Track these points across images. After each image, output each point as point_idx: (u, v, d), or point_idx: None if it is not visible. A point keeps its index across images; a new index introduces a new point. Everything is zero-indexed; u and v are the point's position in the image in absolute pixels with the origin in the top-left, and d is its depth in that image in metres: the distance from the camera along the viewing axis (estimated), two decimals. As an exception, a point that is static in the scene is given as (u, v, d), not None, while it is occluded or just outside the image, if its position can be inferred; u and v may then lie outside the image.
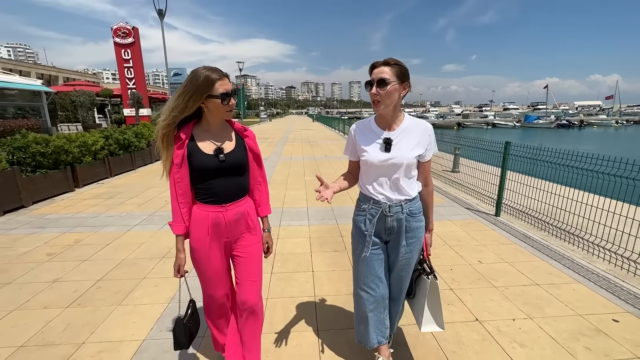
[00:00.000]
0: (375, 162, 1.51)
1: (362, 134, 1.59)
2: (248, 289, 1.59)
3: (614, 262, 3.01)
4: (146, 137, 8.95)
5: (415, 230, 1.58)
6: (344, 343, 2.06)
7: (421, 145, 1.52)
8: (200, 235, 1.48)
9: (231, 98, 1.40)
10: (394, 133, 1.51)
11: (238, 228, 1.55)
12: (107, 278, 2.87)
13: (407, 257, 1.61)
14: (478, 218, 4.39)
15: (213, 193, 1.46)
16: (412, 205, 1.56)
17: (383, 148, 1.50)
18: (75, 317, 2.32)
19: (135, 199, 5.46)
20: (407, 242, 1.59)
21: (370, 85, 1.44)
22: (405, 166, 1.49)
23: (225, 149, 1.47)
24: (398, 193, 1.53)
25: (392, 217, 1.54)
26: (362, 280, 1.67)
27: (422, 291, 1.66)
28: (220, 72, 1.38)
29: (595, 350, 1.96)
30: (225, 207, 1.48)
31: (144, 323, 2.25)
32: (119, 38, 16.58)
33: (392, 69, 1.41)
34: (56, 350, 2.00)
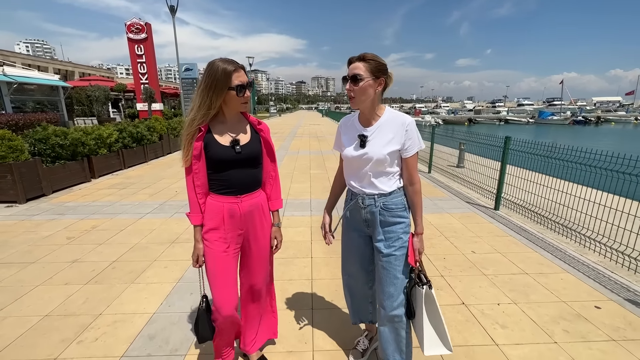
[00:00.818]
0: (349, 157, 1.54)
1: (346, 129, 1.62)
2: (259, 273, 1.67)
3: (605, 254, 3.08)
4: (158, 130, 9.25)
5: (393, 225, 1.54)
6: (336, 321, 2.22)
7: (396, 141, 1.47)
8: (215, 225, 1.49)
9: (246, 90, 1.41)
10: (371, 129, 1.51)
11: (252, 220, 1.56)
12: (121, 260, 3.11)
13: (387, 252, 1.53)
14: (477, 211, 4.48)
15: (229, 184, 1.48)
16: (387, 200, 1.52)
17: (358, 144, 1.51)
18: (93, 293, 2.56)
19: (147, 190, 5.73)
20: (385, 237, 1.55)
21: (345, 80, 1.45)
22: (375, 162, 1.47)
23: (241, 140, 1.48)
24: (372, 187, 1.53)
25: (365, 209, 1.56)
26: (344, 266, 1.81)
27: (419, 304, 1.52)
28: (236, 63, 1.39)
29: (573, 333, 2.08)
30: (240, 198, 1.50)
31: (154, 299, 2.47)
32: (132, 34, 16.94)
33: (367, 65, 1.40)
34: (77, 320, 2.23)
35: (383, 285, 1.56)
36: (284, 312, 2.32)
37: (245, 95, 1.41)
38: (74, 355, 1.91)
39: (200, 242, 1.51)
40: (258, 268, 1.66)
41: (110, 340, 2.03)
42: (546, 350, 1.93)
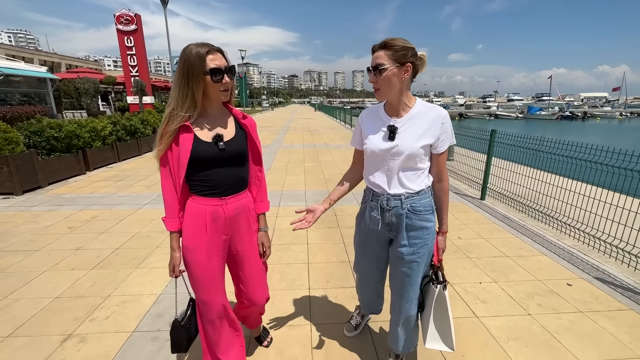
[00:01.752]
0: (376, 151, 1.40)
1: (369, 121, 1.49)
2: (256, 288, 1.57)
3: (579, 239, 3.33)
4: (151, 123, 9.24)
5: (419, 230, 1.42)
6: (331, 299, 2.40)
7: (430, 134, 1.36)
8: (196, 232, 1.35)
9: (224, 75, 1.23)
10: (401, 120, 1.38)
11: (238, 224, 1.43)
12: (124, 247, 3.23)
13: (409, 259, 1.44)
14: (464, 201, 4.70)
15: (211, 185, 1.34)
16: (415, 201, 1.40)
17: (387, 136, 1.38)
18: (100, 277, 2.68)
19: (143, 182, 5.80)
20: (410, 242, 1.43)
21: (369, 71, 1.35)
22: (406, 156, 1.35)
23: (224, 136, 1.33)
24: (398, 186, 1.40)
25: (390, 212, 1.43)
26: (357, 264, 1.73)
27: (429, 301, 1.51)
28: (211, 45, 1.24)
29: (545, 306, 2.30)
30: (225, 200, 1.36)
31: (159, 282, 2.61)
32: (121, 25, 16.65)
33: (390, 52, 1.28)
34: (87, 301, 2.36)
35: (403, 290, 1.49)
36: (284, 292, 2.49)
37: (223, 81, 1.23)
38: (88, 331, 2.04)
39: (177, 251, 1.37)
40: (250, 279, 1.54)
41: (120, 318, 2.18)
42: (520, 321, 2.14)
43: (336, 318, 2.18)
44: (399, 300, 1.52)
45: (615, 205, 2.96)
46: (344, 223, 3.83)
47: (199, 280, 1.39)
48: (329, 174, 6.33)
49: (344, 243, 3.29)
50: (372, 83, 1.34)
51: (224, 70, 1.23)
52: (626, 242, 2.86)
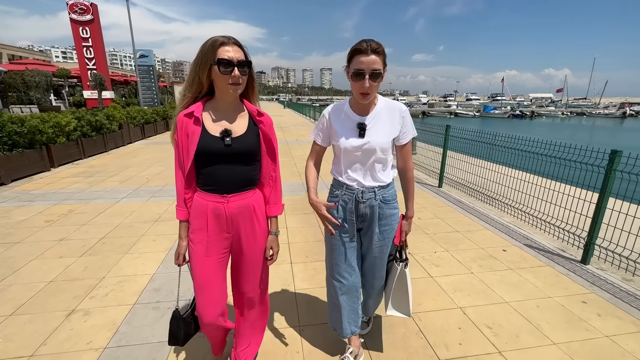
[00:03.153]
0: (349, 148, 1.45)
1: (337, 119, 1.51)
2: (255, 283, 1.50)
3: (516, 216, 3.97)
4: (117, 119, 8.98)
5: (389, 217, 1.53)
6: (311, 270, 2.76)
7: (395, 128, 1.46)
8: (199, 226, 1.35)
9: (235, 68, 1.20)
10: (368, 117, 1.45)
11: (242, 223, 1.38)
12: (109, 236, 3.35)
13: (380, 244, 1.56)
14: (424, 189, 5.27)
15: (214, 180, 1.31)
16: (385, 192, 1.51)
17: (357, 133, 1.44)
18: (91, 262, 2.82)
19: (116, 177, 5.76)
20: (380, 230, 1.53)
21: (361, 76, 1.32)
22: (379, 151, 1.43)
23: (234, 132, 1.30)
24: (372, 179, 1.49)
25: (365, 204, 1.50)
26: (335, 269, 1.62)
27: (391, 276, 1.65)
28: (231, 38, 1.23)
29: (485, 267, 2.83)
30: (227, 198, 1.33)
31: (151, 264, 2.81)
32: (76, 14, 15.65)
33: (380, 57, 1.32)
34: (82, 282, 2.52)
35: (375, 270, 1.64)
36: (268, 266, 2.81)
37: (233, 74, 1.20)
38: (90, 306, 2.23)
39: (184, 240, 1.38)
40: (249, 276, 1.49)
41: (119, 294, 2.37)
42: (465, 278, 2.65)
43: (316, 283, 2.54)
44: (372, 280, 1.68)
45: (545, 187, 3.60)
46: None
47: (198, 280, 1.37)
48: (302, 167, 6.69)
49: (319, 226, 3.66)
50: (366, 88, 1.33)
51: (234, 64, 1.20)
52: (552, 216, 3.50)
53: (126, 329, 2.02)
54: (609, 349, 1.89)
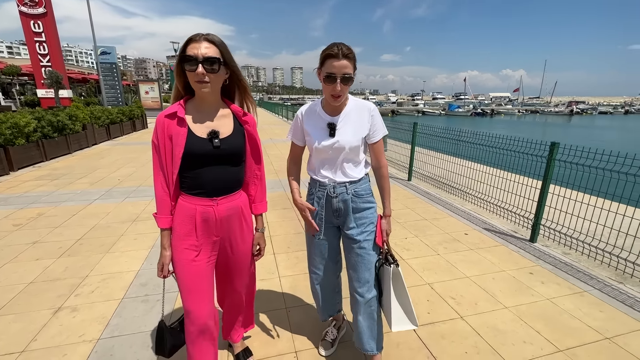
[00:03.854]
0: (319, 147, 1.49)
1: (309, 119, 1.56)
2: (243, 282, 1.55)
3: (477, 204, 4.39)
4: (81, 119, 8.56)
5: (364, 210, 1.55)
6: (294, 259, 2.93)
7: (364, 127, 1.50)
8: (185, 232, 1.30)
9: (199, 65, 1.14)
10: (338, 117, 1.48)
11: (230, 225, 1.37)
12: (86, 237, 3.31)
13: (360, 238, 1.54)
14: (395, 182, 5.62)
15: (202, 183, 1.27)
16: (357, 187, 1.54)
17: (327, 133, 1.48)
18: (71, 263, 2.80)
19: (84, 179, 5.56)
20: (357, 224, 1.55)
21: (333, 79, 1.35)
22: (348, 150, 1.47)
23: (221, 133, 1.27)
24: (342, 175, 1.52)
25: (337, 199, 1.53)
26: (311, 262, 1.72)
27: (386, 282, 1.55)
28: (204, 34, 1.18)
29: (449, 248, 3.16)
30: (216, 201, 1.30)
31: (135, 261, 2.84)
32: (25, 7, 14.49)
33: (351, 62, 1.36)
34: (65, 282, 2.52)
35: (359, 272, 1.55)
36: (252, 258, 2.95)
37: (197, 71, 1.14)
38: (77, 303, 2.26)
39: (167, 249, 1.31)
40: (237, 276, 1.52)
41: (106, 290, 2.41)
42: (432, 259, 2.95)
43: (299, 270, 2.73)
44: (355, 284, 1.57)
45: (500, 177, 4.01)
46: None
47: (185, 284, 1.32)
48: (278, 165, 6.82)
49: (298, 220, 3.84)
50: (338, 91, 1.37)
51: (199, 60, 1.13)
52: (506, 202, 3.93)
53: (117, 321, 2.08)
54: (550, 309, 2.25)
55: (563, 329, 2.05)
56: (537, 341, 1.95)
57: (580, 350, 1.88)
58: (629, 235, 2.67)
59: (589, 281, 2.59)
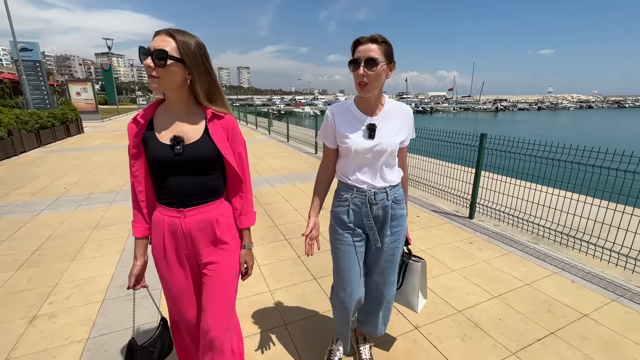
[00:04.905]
0: (359, 150, 1.38)
1: (343, 119, 1.43)
2: (210, 316, 1.24)
3: (425, 190, 4.98)
4: (5, 124, 7.62)
5: (400, 218, 1.50)
6: (269, 250, 3.13)
7: (404, 130, 1.45)
8: (157, 243, 1.24)
9: (150, 57, 1.04)
10: (377, 118, 1.40)
11: (201, 240, 1.24)
12: (43, 248, 3.13)
13: (392, 246, 1.50)
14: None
15: (168, 193, 1.19)
16: (396, 192, 1.48)
17: (367, 134, 1.38)
18: (33, 274, 2.67)
19: (23, 190, 5.06)
20: (392, 232, 1.49)
21: (357, 64, 1.28)
22: (389, 153, 1.40)
23: (187, 138, 1.16)
24: (382, 180, 1.44)
25: (377, 205, 1.44)
26: (346, 279, 1.51)
27: (414, 277, 1.68)
28: (170, 29, 1.10)
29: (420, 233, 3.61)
30: (184, 213, 1.20)
31: (106, 266, 2.80)
32: None
33: (380, 47, 1.28)
34: (32, 292, 2.42)
35: (386, 276, 1.55)
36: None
37: (144, 62, 1.05)
38: (53, 310, 2.21)
39: (138, 259, 1.24)
40: (213, 308, 1.25)
41: (82, 295, 2.38)
42: (392, 238, 3.37)
43: (277, 259, 2.94)
44: (381, 286, 1.56)
45: (444, 166, 4.62)
46: (262, 200, 4.55)
47: (168, 293, 1.30)
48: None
49: (267, 214, 4.02)
50: (361, 77, 1.28)
51: (149, 52, 1.05)
52: (450, 187, 4.54)
53: (103, 320, 2.11)
54: (486, 268, 2.77)
55: (496, 281, 2.58)
56: (478, 292, 2.43)
57: (509, 294, 2.40)
58: (544, 207, 3.36)
59: (513, 244, 3.21)
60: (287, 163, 7.25)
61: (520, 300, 2.33)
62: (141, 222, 1.24)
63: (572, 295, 2.39)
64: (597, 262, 2.85)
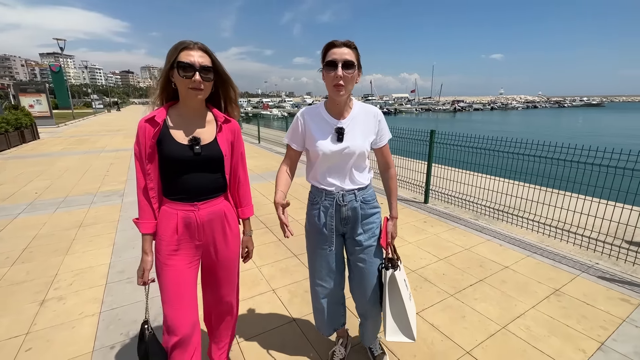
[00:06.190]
0: (327, 153, 1.41)
1: (313, 122, 1.46)
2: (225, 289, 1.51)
3: (387, 182, 5.59)
4: (-44, 131, 7.19)
5: (371, 216, 1.53)
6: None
7: (372, 132, 1.47)
8: (167, 237, 1.31)
9: (196, 73, 1.19)
10: (345, 121, 1.43)
11: (213, 230, 1.38)
12: (32, 246, 3.26)
13: (367, 244, 1.51)
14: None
15: (183, 189, 1.30)
16: (365, 193, 1.51)
17: (335, 138, 1.41)
18: (30, 268, 2.84)
19: (-10, 196, 4.96)
20: (364, 229, 1.52)
21: (333, 66, 1.31)
22: (357, 155, 1.42)
23: (202, 139, 1.29)
24: (351, 182, 1.47)
25: (346, 207, 1.47)
26: (317, 275, 1.62)
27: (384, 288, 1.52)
28: (197, 42, 1.23)
29: (371, 214, 4.16)
30: (197, 206, 1.32)
31: (102, 257, 3.03)
32: None
33: (353, 52, 1.33)
34: (34, 282, 2.61)
35: (364, 278, 1.54)
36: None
37: (193, 78, 1.19)
38: (60, 294, 2.44)
39: (148, 254, 1.31)
40: (225, 281, 1.50)
41: (85, 281, 2.62)
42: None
43: (261, 242, 3.32)
44: (360, 291, 1.57)
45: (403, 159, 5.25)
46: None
47: (166, 290, 1.31)
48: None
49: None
50: (338, 78, 1.31)
51: (196, 68, 1.19)
52: (408, 177, 5.17)
53: (111, 299, 2.39)
54: (435, 240, 3.38)
55: (442, 248, 3.18)
56: (428, 257, 3.01)
57: (451, 257, 3.01)
58: (485, 190, 4.06)
59: (458, 221, 3.87)
60: (260, 162, 7.59)
61: (460, 261, 2.94)
62: (150, 218, 1.30)
63: (499, 254, 3.05)
64: (520, 230, 3.57)
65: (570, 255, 3.01)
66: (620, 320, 2.13)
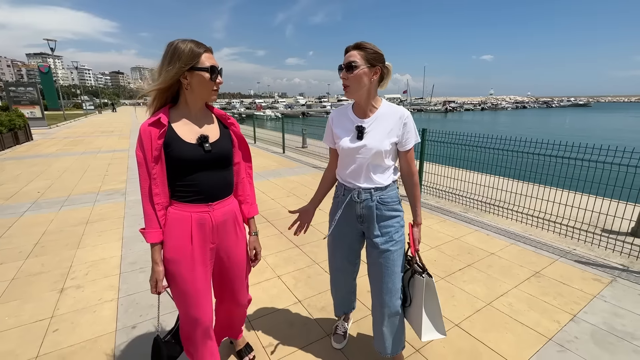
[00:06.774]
0: (346, 149, 1.47)
1: (339, 121, 1.56)
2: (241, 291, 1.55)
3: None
4: (-48, 132, 7.19)
5: (389, 219, 1.52)
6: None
7: (395, 133, 1.46)
8: (180, 242, 1.27)
9: (219, 75, 1.25)
10: (368, 121, 1.47)
11: (226, 231, 1.38)
12: (43, 241, 3.39)
13: (385, 248, 1.51)
14: (319, 171, 6.75)
15: (197, 190, 1.27)
16: (383, 194, 1.50)
17: (355, 136, 1.46)
18: (44, 260, 2.98)
19: (-8, 195, 5.04)
20: (382, 232, 1.51)
21: (341, 69, 1.42)
22: (375, 154, 1.44)
23: (209, 137, 1.29)
24: (368, 181, 1.49)
25: (361, 205, 1.51)
26: (332, 262, 1.75)
27: (419, 293, 1.52)
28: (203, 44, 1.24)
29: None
30: (212, 207, 1.31)
31: (112, 250, 3.18)
32: None
33: (362, 53, 1.38)
34: (52, 272, 2.76)
35: (382, 282, 1.53)
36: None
37: (218, 80, 1.25)
38: (77, 283, 2.59)
39: (159, 265, 1.26)
40: (238, 280, 1.51)
41: (100, 271, 2.77)
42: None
43: (263, 235, 3.51)
44: (380, 294, 1.55)
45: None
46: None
47: (187, 295, 1.30)
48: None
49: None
50: (343, 79, 1.42)
51: (218, 70, 1.24)
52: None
53: (127, 286, 2.55)
54: (428, 231, 3.60)
55: (434, 238, 3.41)
56: (421, 246, 3.21)
57: (442, 245, 3.24)
58: (474, 184, 4.32)
59: (449, 214, 4.11)
60: (257, 162, 7.76)
61: (450, 249, 3.17)
62: (156, 227, 1.25)
63: (486, 242, 3.29)
64: (506, 221, 3.82)
65: (550, 242, 3.27)
66: (591, 297, 2.38)
